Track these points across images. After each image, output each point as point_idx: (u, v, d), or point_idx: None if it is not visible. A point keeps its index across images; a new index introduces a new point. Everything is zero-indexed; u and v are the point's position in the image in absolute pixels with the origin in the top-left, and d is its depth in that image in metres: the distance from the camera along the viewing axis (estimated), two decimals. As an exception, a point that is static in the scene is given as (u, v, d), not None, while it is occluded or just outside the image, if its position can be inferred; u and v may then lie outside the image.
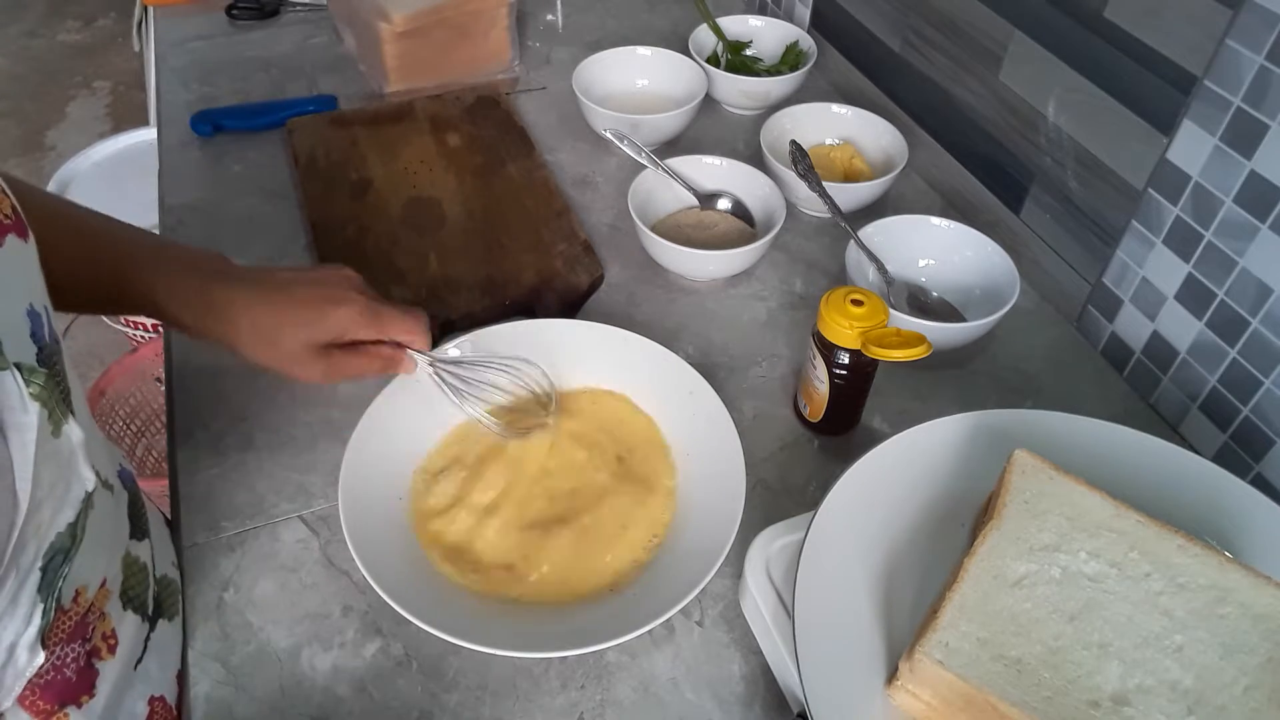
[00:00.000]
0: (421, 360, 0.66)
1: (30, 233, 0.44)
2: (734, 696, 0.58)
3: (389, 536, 0.62)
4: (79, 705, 0.47)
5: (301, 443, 0.71)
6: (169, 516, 0.67)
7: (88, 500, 0.45)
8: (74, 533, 0.44)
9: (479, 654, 0.56)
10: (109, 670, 0.49)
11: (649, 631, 0.58)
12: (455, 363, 0.69)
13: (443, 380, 0.67)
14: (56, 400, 0.42)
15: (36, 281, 0.45)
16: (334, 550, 0.64)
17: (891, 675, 0.49)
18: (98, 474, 0.46)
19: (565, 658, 0.59)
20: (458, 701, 0.57)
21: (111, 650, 0.50)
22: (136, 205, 1.77)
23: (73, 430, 0.43)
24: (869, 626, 0.51)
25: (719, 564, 0.58)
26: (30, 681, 0.44)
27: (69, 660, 0.46)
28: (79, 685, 0.47)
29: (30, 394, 0.40)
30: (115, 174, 1.81)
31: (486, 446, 0.68)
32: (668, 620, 0.58)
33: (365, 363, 0.64)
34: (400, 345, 0.66)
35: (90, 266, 0.59)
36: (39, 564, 0.41)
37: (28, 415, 0.40)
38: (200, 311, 0.60)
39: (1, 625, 0.40)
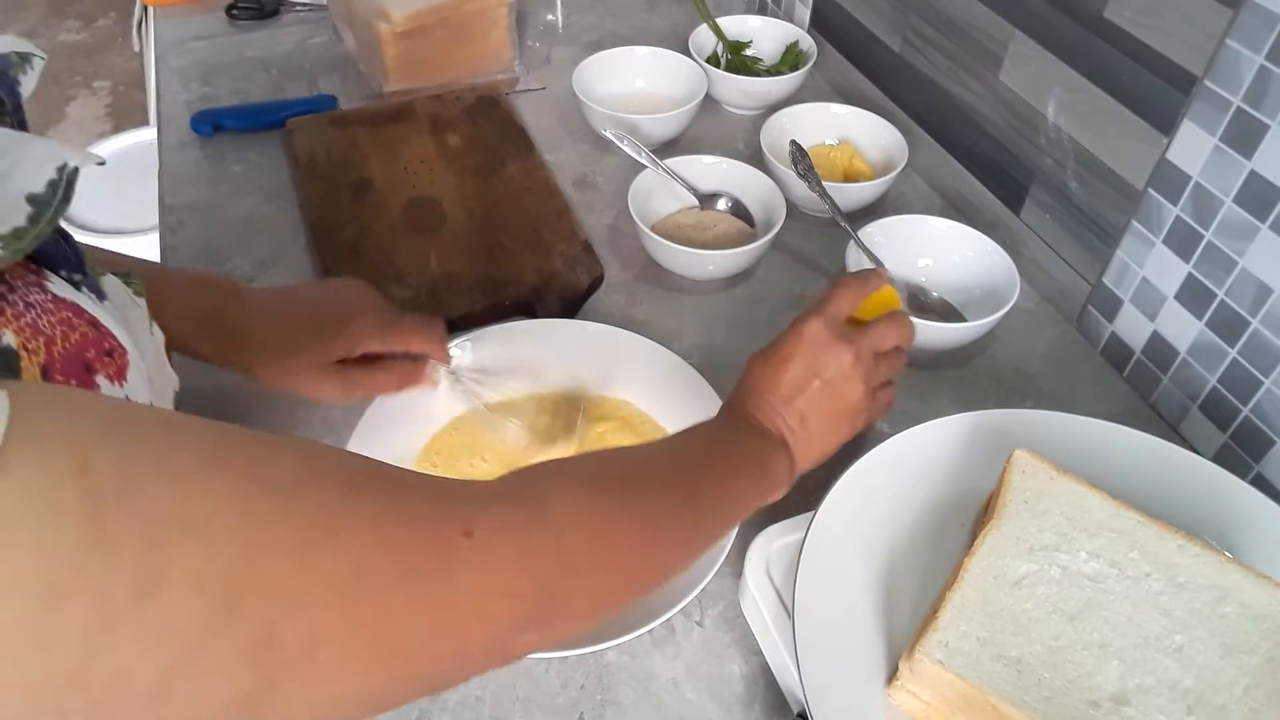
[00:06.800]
0: (443, 371, 0.66)
1: None
2: (734, 696, 0.58)
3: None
4: None
5: (301, 443, 0.71)
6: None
7: (175, 401, 0.46)
8: None
9: (479, 654, 0.56)
10: None
11: (649, 631, 0.58)
12: (479, 370, 0.68)
13: (467, 389, 0.66)
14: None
15: None
16: (334, 550, 0.64)
17: (891, 675, 0.49)
18: None
19: (565, 658, 0.59)
20: (458, 701, 0.57)
21: None
22: (136, 205, 1.77)
23: (157, 330, 0.45)
24: (869, 626, 0.51)
25: (719, 564, 0.58)
26: None
27: None
28: None
29: (134, 292, 0.42)
30: (115, 174, 1.81)
31: (486, 445, 0.68)
32: (668, 620, 0.58)
33: (383, 379, 0.63)
34: (416, 357, 0.65)
35: None
36: None
37: (139, 309, 0.42)
38: (210, 334, 0.59)
39: None
